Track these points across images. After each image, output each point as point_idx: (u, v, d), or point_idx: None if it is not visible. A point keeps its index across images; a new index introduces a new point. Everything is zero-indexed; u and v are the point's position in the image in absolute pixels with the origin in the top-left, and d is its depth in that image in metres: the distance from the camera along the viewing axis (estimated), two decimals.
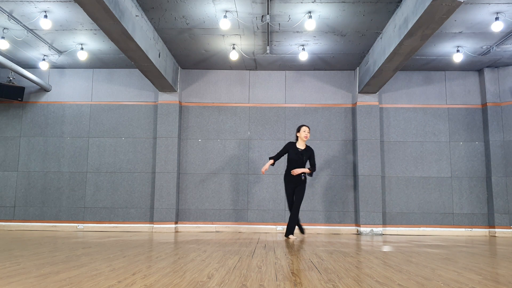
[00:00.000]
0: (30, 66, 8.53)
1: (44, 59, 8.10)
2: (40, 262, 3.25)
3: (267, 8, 6.07)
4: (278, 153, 6.50)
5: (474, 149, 8.42)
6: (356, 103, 8.40)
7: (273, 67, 8.53)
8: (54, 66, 8.60)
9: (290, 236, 6.42)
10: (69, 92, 8.73)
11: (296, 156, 6.37)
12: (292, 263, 3.36)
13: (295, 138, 6.63)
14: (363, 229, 7.99)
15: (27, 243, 5.00)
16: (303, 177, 6.37)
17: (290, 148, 6.43)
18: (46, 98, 8.71)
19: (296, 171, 6.29)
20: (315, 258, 3.74)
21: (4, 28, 6.77)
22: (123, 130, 8.57)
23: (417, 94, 8.61)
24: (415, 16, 5.23)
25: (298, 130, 6.48)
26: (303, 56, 7.56)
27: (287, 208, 8.29)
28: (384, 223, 8.22)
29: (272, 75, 8.72)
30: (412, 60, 8.00)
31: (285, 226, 8.25)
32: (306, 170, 6.33)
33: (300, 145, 6.46)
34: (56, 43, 7.46)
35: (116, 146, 8.53)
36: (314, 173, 6.57)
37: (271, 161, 6.43)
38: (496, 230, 8.00)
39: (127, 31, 5.58)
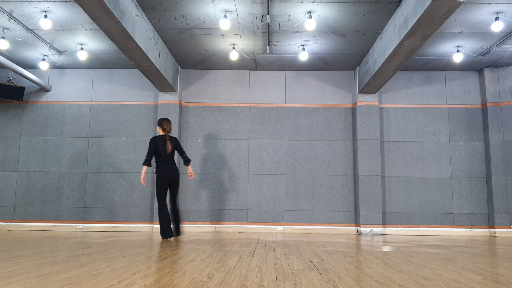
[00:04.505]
0: (30, 66, 8.53)
1: (44, 59, 8.10)
2: (40, 262, 3.25)
3: (267, 8, 6.07)
4: (148, 153, 6.22)
5: (474, 149, 8.42)
6: (356, 103, 8.40)
7: (273, 67, 8.53)
8: (54, 66, 8.60)
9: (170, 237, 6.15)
10: (69, 92, 8.73)
11: (163, 146, 6.24)
12: (292, 263, 3.36)
13: (158, 132, 6.44)
14: (363, 229, 7.99)
15: (27, 243, 4.99)
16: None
17: (155, 141, 6.24)
18: (46, 98, 8.71)
19: (191, 173, 6.50)
20: (315, 258, 3.74)
21: (4, 28, 6.77)
22: (123, 130, 8.57)
23: (417, 94, 8.61)
24: (415, 16, 5.24)
25: (159, 125, 6.37)
26: (303, 56, 7.56)
27: (287, 208, 8.29)
28: (384, 223, 8.22)
29: (272, 75, 8.72)
30: (412, 60, 8.00)
31: (285, 226, 8.27)
32: (191, 171, 6.49)
33: (163, 136, 6.34)
34: (56, 43, 7.45)
35: (116, 146, 8.53)
36: (191, 160, 6.47)
37: (145, 167, 6.16)
38: (496, 230, 8.00)
39: (127, 31, 5.58)
